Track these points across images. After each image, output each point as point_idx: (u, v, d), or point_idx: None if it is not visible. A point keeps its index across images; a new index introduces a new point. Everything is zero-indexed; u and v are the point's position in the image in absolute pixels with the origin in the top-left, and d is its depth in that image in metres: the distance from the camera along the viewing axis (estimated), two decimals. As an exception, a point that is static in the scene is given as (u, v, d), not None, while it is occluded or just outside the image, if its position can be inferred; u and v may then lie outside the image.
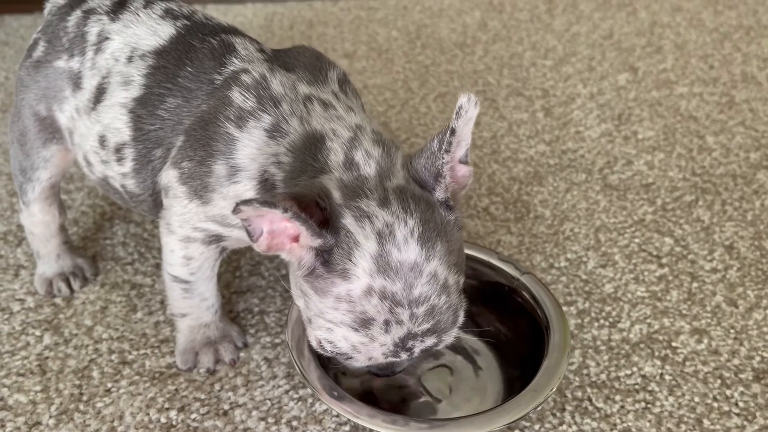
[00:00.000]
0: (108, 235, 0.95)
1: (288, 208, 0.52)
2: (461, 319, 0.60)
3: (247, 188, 0.63)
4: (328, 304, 0.57)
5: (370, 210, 0.56)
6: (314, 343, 0.62)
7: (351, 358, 0.59)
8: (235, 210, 0.53)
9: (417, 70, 1.37)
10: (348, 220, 0.56)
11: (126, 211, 0.99)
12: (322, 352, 0.61)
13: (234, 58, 0.68)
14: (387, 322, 0.56)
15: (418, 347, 0.58)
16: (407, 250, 0.55)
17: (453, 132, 0.56)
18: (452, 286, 0.58)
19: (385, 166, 0.60)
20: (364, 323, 0.56)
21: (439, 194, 0.59)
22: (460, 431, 0.62)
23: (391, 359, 0.59)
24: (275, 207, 0.52)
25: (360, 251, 0.55)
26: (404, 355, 0.58)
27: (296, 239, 0.57)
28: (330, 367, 0.70)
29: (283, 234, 0.56)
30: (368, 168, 0.59)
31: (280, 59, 0.69)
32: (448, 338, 0.59)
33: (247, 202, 0.52)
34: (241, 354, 0.77)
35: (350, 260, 0.55)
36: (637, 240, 0.94)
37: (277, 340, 0.79)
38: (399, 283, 0.55)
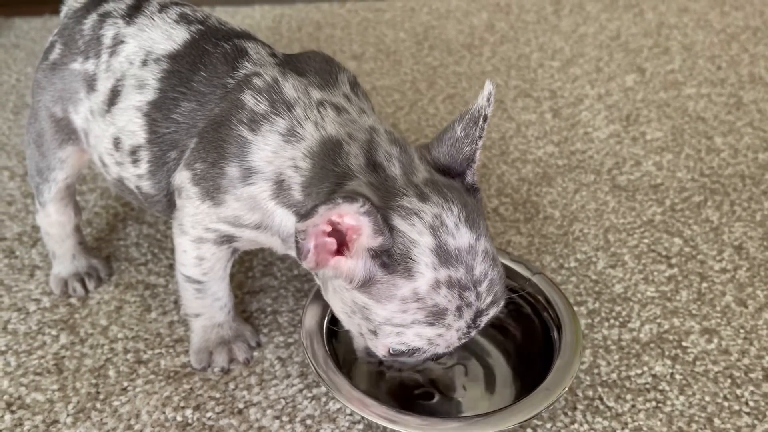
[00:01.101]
0: (121, 236, 0.96)
1: (365, 202, 0.53)
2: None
3: (262, 189, 0.64)
4: (393, 309, 0.58)
5: (413, 207, 0.57)
6: (382, 353, 0.62)
7: (422, 351, 0.61)
8: (310, 213, 0.53)
9: (425, 71, 1.38)
10: (396, 221, 0.57)
11: (139, 212, 1.00)
12: (386, 358, 0.63)
13: (246, 62, 0.69)
14: (459, 308, 0.58)
15: (485, 320, 0.61)
16: (460, 235, 0.57)
17: (486, 118, 0.60)
18: (497, 257, 0.61)
19: (407, 163, 0.61)
20: (437, 316, 0.58)
21: (469, 178, 0.62)
22: (474, 430, 0.62)
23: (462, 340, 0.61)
24: (355, 201, 0.53)
25: (418, 248, 0.56)
26: (473, 333, 0.61)
27: (338, 252, 0.57)
28: (342, 366, 0.70)
29: (324, 249, 0.57)
30: (393, 168, 0.61)
31: (292, 63, 0.70)
32: (503, 303, 0.62)
33: (329, 200, 0.52)
34: (255, 353, 0.78)
35: (410, 258, 0.56)
36: (646, 240, 0.95)
37: (290, 340, 0.80)
38: (461, 268, 0.57)
